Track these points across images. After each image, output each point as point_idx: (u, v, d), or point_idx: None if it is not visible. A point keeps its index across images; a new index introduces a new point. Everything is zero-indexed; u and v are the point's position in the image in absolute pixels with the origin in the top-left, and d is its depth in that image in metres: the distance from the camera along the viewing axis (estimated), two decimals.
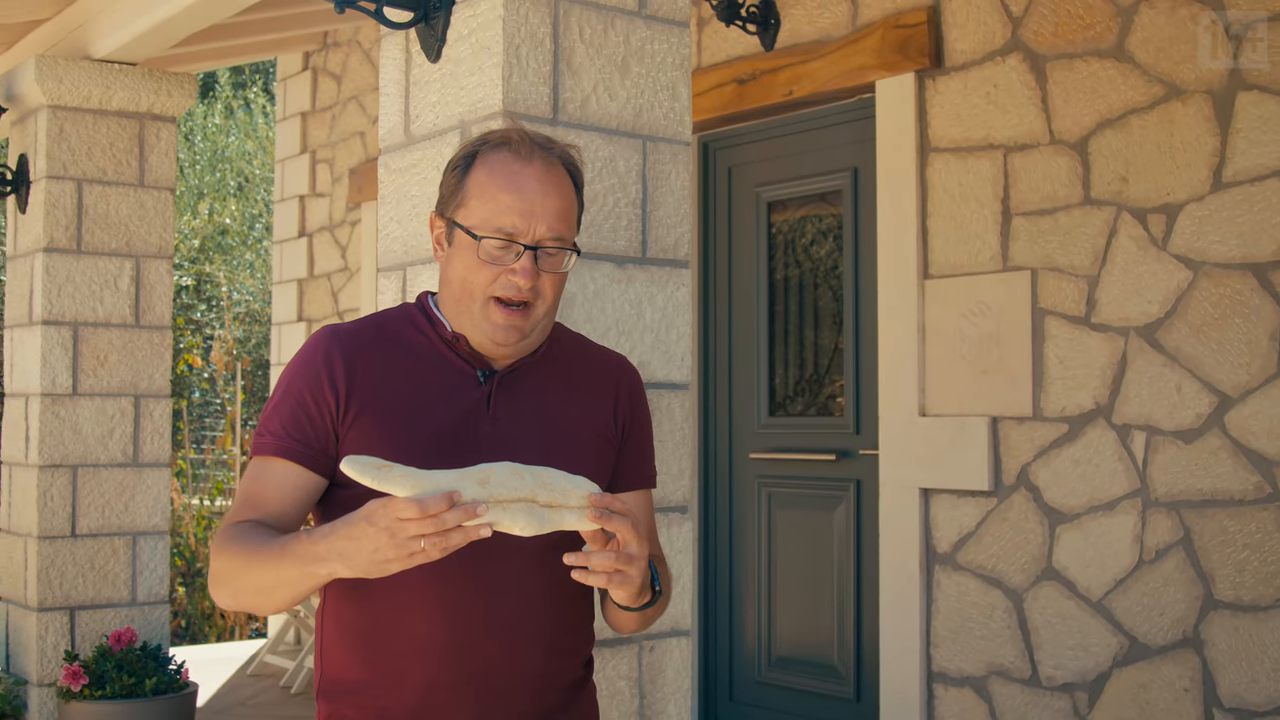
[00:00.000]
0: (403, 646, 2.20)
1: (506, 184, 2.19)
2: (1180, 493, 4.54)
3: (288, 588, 2.09)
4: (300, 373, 2.24)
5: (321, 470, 2.22)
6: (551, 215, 2.20)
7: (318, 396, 2.21)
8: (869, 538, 5.65)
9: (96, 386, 6.18)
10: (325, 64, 9.36)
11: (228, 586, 2.16)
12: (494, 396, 2.26)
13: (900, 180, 5.41)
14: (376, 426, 2.20)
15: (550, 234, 2.20)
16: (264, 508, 2.20)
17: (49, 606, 6.05)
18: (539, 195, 2.19)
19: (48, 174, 6.10)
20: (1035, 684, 4.92)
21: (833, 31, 5.70)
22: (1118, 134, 4.75)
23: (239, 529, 2.16)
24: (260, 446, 2.23)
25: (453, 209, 2.25)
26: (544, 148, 2.24)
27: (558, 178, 2.23)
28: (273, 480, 2.21)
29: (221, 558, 2.15)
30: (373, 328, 2.32)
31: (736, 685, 6.32)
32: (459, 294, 2.24)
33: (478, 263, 2.20)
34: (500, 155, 2.22)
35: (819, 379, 6.06)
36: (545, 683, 2.27)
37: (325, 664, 2.31)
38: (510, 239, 2.18)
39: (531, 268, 2.19)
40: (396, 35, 3.34)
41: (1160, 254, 4.62)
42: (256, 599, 2.17)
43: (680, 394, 3.28)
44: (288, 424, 2.21)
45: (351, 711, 2.25)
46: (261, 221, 17.68)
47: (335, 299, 9.05)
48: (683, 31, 3.32)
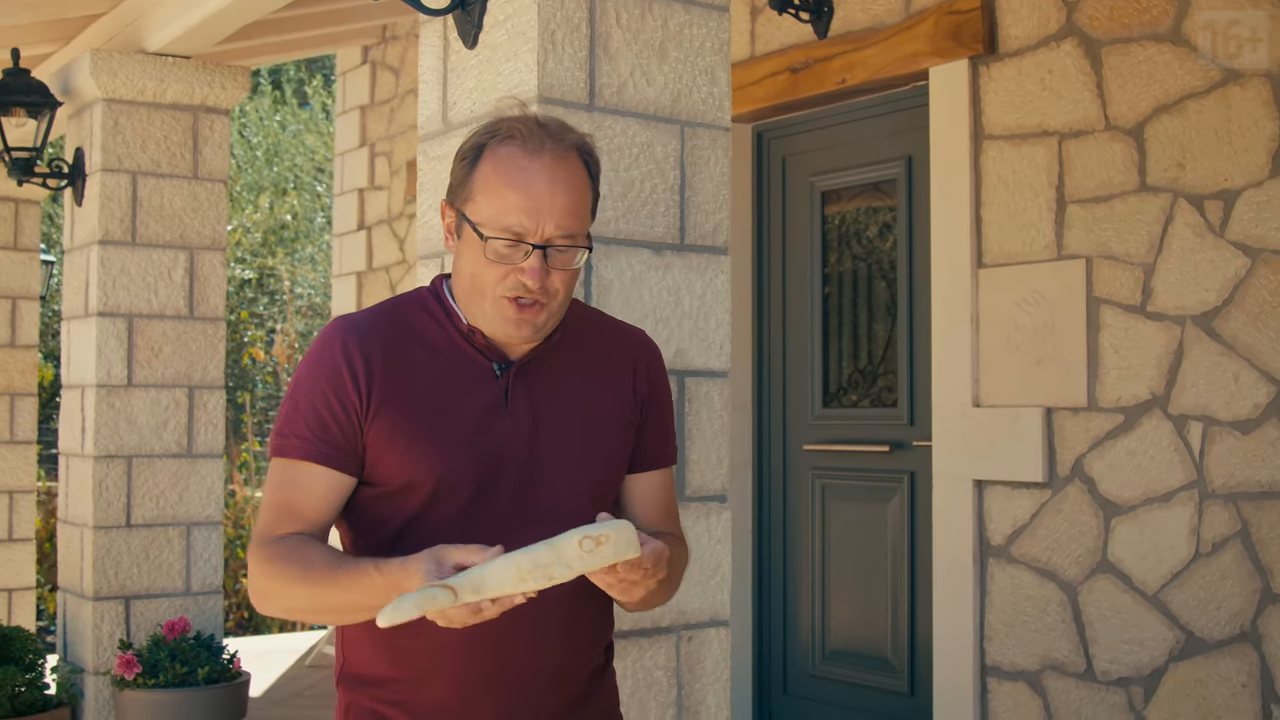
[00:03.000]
0: (425, 644, 2.18)
1: (513, 181, 2.12)
2: (1238, 484, 4.46)
3: (364, 612, 2.07)
4: (319, 369, 2.19)
5: (351, 470, 2.19)
6: (560, 213, 2.13)
7: (341, 395, 2.16)
8: (923, 530, 5.59)
9: (151, 378, 6.22)
10: (384, 57, 9.38)
11: (278, 603, 2.15)
12: (511, 389, 2.22)
13: (954, 168, 5.34)
14: (399, 424, 2.16)
15: (559, 232, 2.13)
16: (300, 516, 2.17)
17: (104, 596, 6.10)
18: (547, 193, 2.12)
19: (103, 167, 6.14)
20: (1090, 678, 4.85)
21: (886, 19, 5.64)
22: (1174, 119, 4.66)
23: (286, 545, 2.13)
24: (285, 449, 2.18)
25: (461, 200, 2.19)
26: (555, 137, 2.16)
27: (568, 171, 2.15)
28: (307, 487, 2.17)
29: (266, 576, 2.12)
30: (386, 317, 2.26)
31: (790, 678, 6.28)
32: (469, 288, 2.19)
33: (486, 261, 2.14)
34: (507, 149, 2.14)
35: (873, 370, 6.00)
36: (568, 675, 2.25)
37: (347, 655, 2.29)
38: (518, 238, 2.12)
39: (540, 267, 2.12)
40: (434, 22, 3.33)
41: (1218, 241, 4.53)
42: (325, 618, 2.22)
43: (719, 382, 3.24)
44: (313, 426, 2.16)
45: (372, 704, 2.24)
46: (322, 215, 17.78)
47: (394, 291, 9.07)
48: (722, 15, 3.28)
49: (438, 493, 2.16)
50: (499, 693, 2.19)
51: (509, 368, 2.23)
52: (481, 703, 2.19)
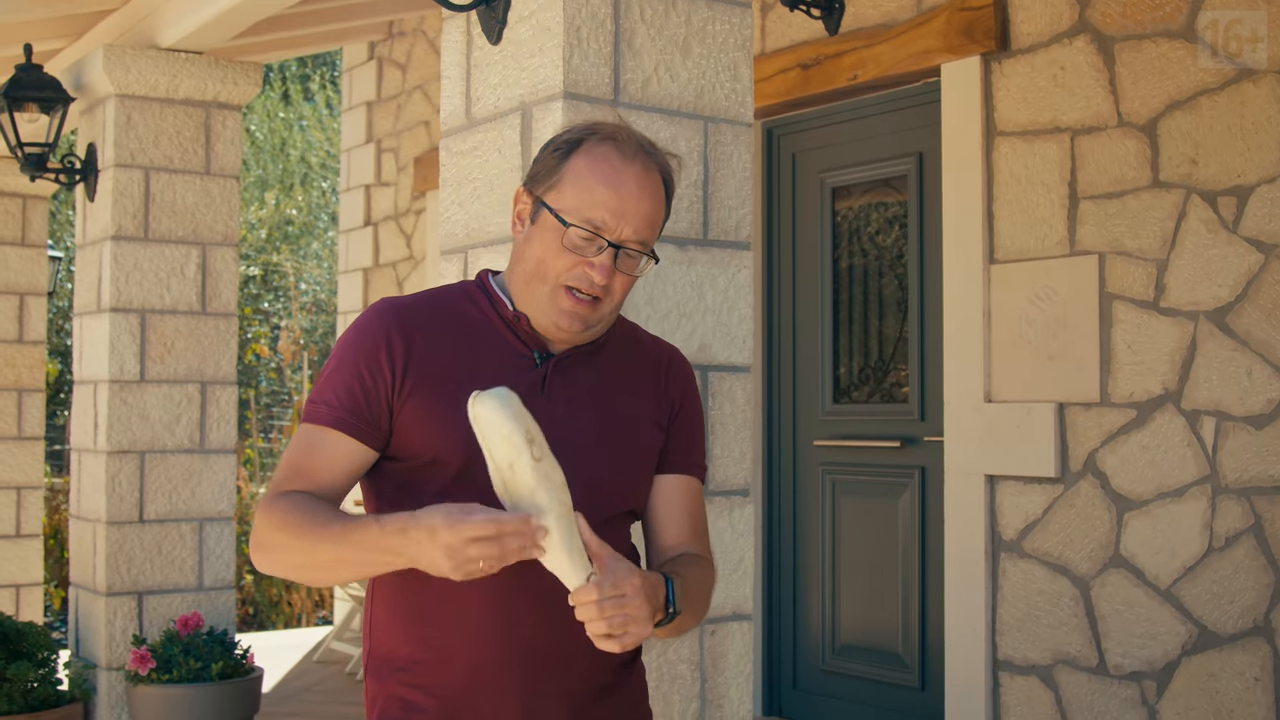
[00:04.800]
0: (452, 624, 2.20)
1: (605, 178, 2.19)
2: (1251, 479, 4.48)
3: (351, 569, 2.13)
4: (357, 344, 2.23)
5: (373, 444, 2.22)
6: (641, 219, 2.21)
7: (374, 369, 2.20)
8: (934, 525, 5.61)
9: (164, 373, 6.23)
10: (390, 53, 9.40)
11: (276, 556, 2.17)
12: (549, 379, 2.25)
13: (966, 164, 5.36)
14: (432, 402, 2.19)
15: (636, 236, 2.21)
16: (313, 478, 2.20)
17: (117, 591, 6.11)
18: (634, 196, 2.20)
19: (115, 162, 6.15)
20: (1103, 673, 4.87)
21: (897, 15, 5.65)
22: (1187, 115, 4.68)
23: (290, 500, 2.16)
24: (313, 415, 2.23)
25: (544, 189, 2.24)
26: (647, 152, 2.25)
27: (654, 184, 2.24)
28: (324, 452, 2.21)
29: (271, 528, 2.15)
30: (430, 302, 2.32)
31: (800, 673, 6.30)
32: (531, 273, 2.23)
33: (559, 248, 2.20)
34: (604, 148, 2.22)
35: (883, 365, 6.02)
36: (595, 663, 2.26)
37: (374, 641, 2.31)
38: (597, 232, 2.18)
39: (610, 265, 2.19)
40: (458, 18, 3.34)
41: (1231, 237, 4.55)
42: (312, 574, 2.20)
43: (742, 376, 3.26)
44: (342, 395, 2.20)
45: (400, 690, 2.25)
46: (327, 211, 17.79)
47: (400, 288, 9.09)
48: (744, 12, 3.30)
49: (464, 470, 2.17)
50: (522, 676, 2.20)
51: (549, 359, 2.26)
52: (504, 686, 2.20)
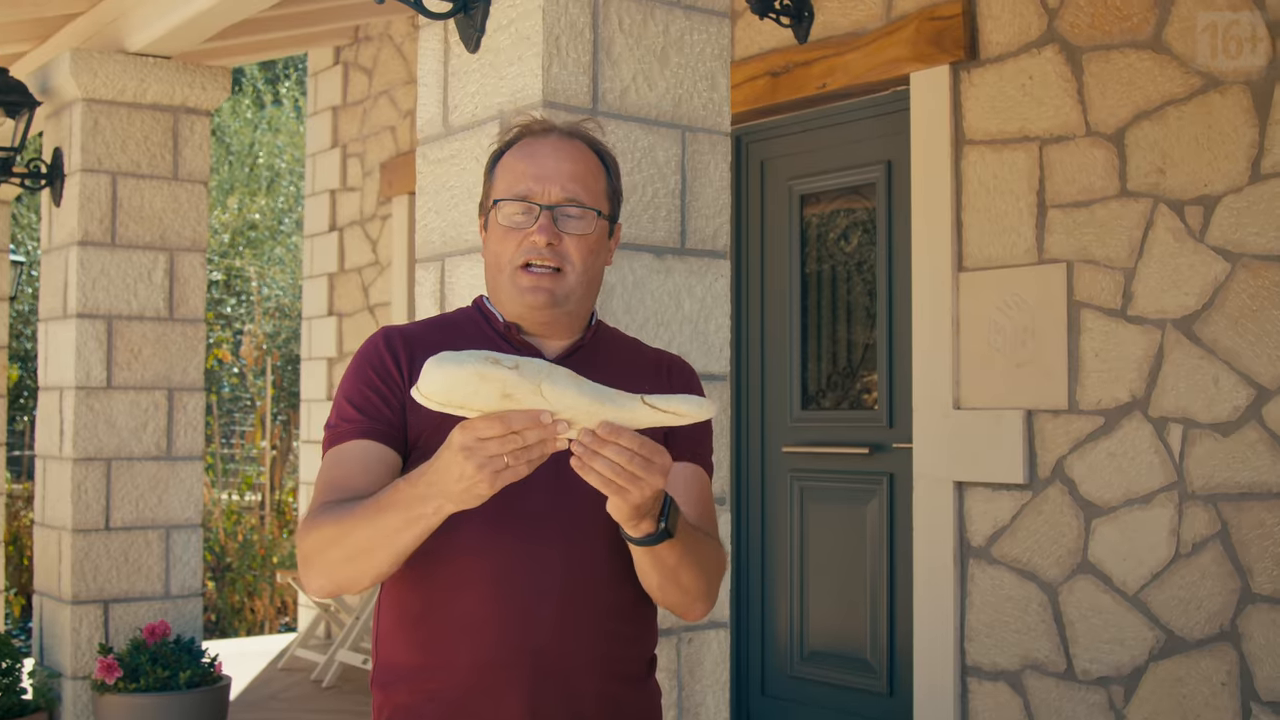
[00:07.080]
0: (453, 625, 2.19)
1: (523, 155, 2.32)
2: (1218, 485, 4.52)
3: (391, 542, 2.03)
4: (365, 359, 2.30)
5: (396, 446, 2.24)
6: (565, 176, 2.28)
7: (385, 377, 2.26)
8: (902, 531, 5.64)
9: (130, 379, 6.20)
10: (356, 58, 9.37)
11: (321, 561, 2.11)
12: None
13: (935, 173, 5.39)
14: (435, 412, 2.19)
15: (565, 195, 2.28)
16: (350, 487, 2.16)
17: (83, 599, 6.07)
18: (552, 158, 2.29)
19: (82, 167, 6.12)
20: (1070, 678, 4.90)
21: (867, 24, 5.68)
22: (1155, 126, 4.72)
23: (325, 508, 2.14)
24: (336, 436, 2.24)
25: (486, 195, 2.37)
26: (561, 129, 2.36)
27: (573, 147, 2.33)
28: (354, 461, 2.21)
29: (309, 537, 2.12)
30: (429, 324, 2.42)
31: (769, 679, 6.31)
32: (493, 270, 2.33)
33: (503, 233, 2.29)
34: (523, 139, 2.35)
35: (852, 372, 6.04)
36: (606, 669, 2.25)
37: (381, 650, 2.31)
38: (525, 199, 2.27)
39: (549, 226, 2.26)
40: (435, 26, 3.34)
41: (1198, 246, 4.59)
42: (357, 566, 2.09)
43: (718, 385, 3.27)
44: (360, 407, 2.24)
45: (403, 697, 2.24)
46: (291, 216, 17.71)
47: (366, 293, 9.06)
48: (722, 22, 3.32)
49: None
50: (529, 679, 2.19)
51: None
52: (509, 690, 2.18)
